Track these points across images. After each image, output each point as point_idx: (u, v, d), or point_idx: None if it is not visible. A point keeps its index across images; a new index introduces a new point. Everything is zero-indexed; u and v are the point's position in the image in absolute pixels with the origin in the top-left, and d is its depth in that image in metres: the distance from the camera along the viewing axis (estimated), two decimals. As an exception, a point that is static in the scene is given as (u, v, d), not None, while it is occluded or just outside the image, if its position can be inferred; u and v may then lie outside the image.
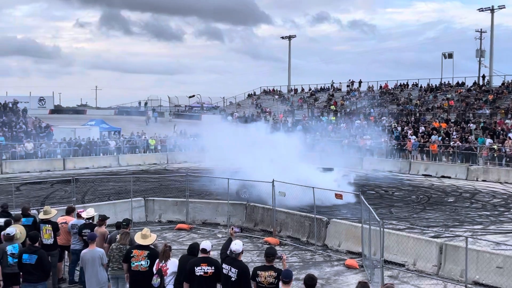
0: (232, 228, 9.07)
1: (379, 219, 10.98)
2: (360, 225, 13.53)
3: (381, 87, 53.85)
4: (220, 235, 16.18)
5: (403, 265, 12.76)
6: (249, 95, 64.91)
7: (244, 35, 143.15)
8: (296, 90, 62.53)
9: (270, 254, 7.52)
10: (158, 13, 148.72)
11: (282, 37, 66.57)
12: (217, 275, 7.87)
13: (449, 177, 29.32)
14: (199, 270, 7.85)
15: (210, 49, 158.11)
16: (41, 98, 66.70)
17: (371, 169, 33.04)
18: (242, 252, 7.80)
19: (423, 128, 37.43)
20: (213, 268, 7.87)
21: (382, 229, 10.82)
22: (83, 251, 9.37)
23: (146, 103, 69.53)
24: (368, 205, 12.13)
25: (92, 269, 9.04)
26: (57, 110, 70.28)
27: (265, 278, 7.35)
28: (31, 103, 61.05)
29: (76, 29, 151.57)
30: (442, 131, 36.08)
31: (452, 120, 39.22)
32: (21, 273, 9.15)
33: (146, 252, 8.68)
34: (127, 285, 9.11)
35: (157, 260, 8.42)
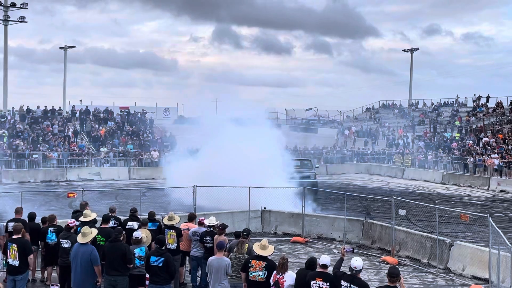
0: (344, 248, 8.90)
1: (510, 244, 10.24)
2: (487, 249, 12.68)
3: (511, 102, 50.28)
4: (335, 251, 15.95)
5: (536, 296, 11.75)
6: (367, 109, 63.64)
7: (353, 49, 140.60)
8: (417, 104, 60.32)
9: (394, 274, 7.25)
10: (265, 28, 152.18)
11: (404, 50, 64.58)
12: None
13: None
14: (314, 284, 7.85)
15: (320, 62, 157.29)
16: (166, 109, 70.22)
17: (498, 189, 31.42)
18: (361, 270, 7.62)
19: (559, 148, 34.41)
20: (328, 284, 7.78)
21: (513, 255, 10.07)
22: (211, 258, 9.55)
23: (263, 115, 70.77)
24: (498, 229, 11.36)
25: (217, 276, 9.22)
26: (181, 120, 73.62)
27: None
28: (157, 113, 64.50)
29: (191, 43, 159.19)
30: None
31: None
32: (147, 275, 9.64)
33: (263, 263, 8.77)
34: (245, 294, 9.26)
35: (275, 272, 8.48)
